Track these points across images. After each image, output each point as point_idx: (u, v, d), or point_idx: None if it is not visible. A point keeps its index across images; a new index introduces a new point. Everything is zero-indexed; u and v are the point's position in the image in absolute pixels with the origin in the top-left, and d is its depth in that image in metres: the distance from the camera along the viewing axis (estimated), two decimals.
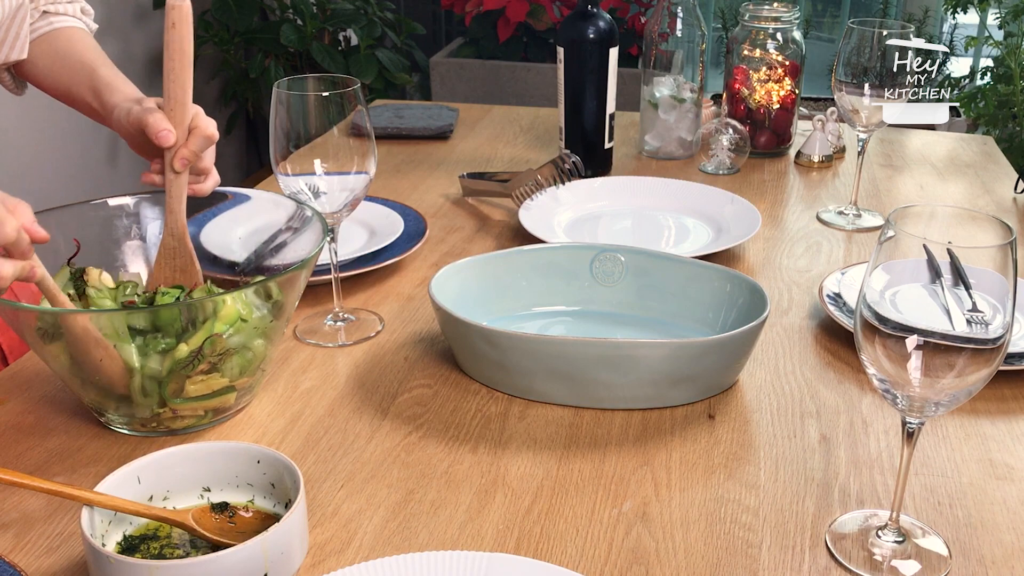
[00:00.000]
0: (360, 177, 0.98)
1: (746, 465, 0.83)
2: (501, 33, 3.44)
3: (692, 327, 1.01)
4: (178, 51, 0.87)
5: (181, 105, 0.89)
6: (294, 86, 0.94)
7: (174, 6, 0.86)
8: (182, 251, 0.92)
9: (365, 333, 1.04)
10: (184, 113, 0.89)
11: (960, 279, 0.63)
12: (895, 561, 0.72)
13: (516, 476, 0.81)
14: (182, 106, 0.89)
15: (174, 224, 0.91)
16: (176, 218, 0.91)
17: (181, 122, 0.89)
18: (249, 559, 0.65)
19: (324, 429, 0.88)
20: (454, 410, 0.91)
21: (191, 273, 0.93)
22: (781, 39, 1.55)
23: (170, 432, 0.86)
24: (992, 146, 1.69)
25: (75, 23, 1.11)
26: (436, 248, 1.26)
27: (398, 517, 0.77)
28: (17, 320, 0.81)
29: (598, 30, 1.43)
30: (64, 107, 1.09)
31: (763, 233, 1.31)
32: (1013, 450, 0.85)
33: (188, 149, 0.90)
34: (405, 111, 1.77)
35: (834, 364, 0.99)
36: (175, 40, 0.87)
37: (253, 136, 3.68)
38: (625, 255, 1.05)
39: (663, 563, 0.71)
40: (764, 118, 1.59)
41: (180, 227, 0.92)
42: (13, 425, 0.88)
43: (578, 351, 0.87)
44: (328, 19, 3.31)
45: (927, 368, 0.63)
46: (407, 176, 1.52)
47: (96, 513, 0.68)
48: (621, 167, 1.56)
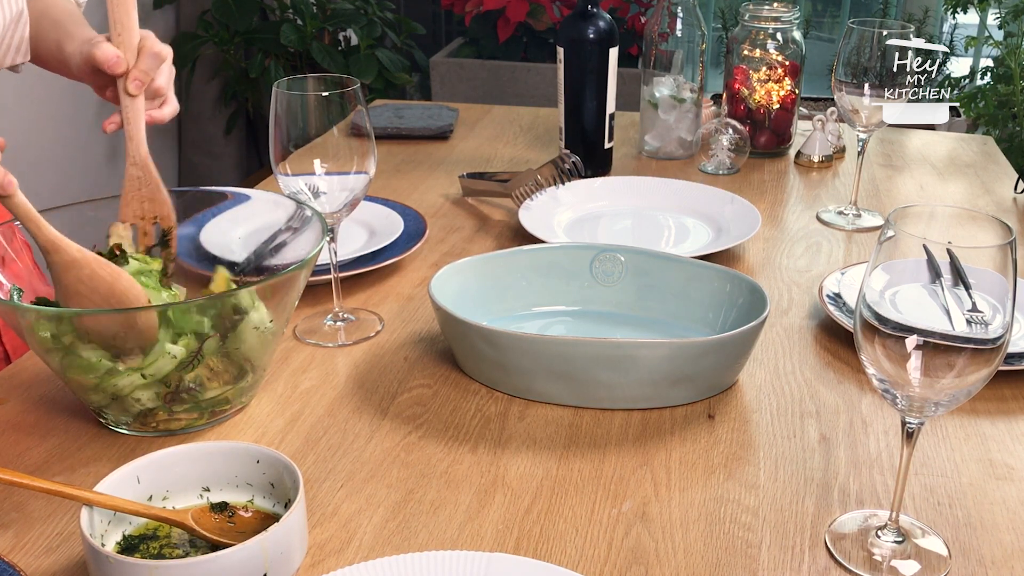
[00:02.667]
0: (360, 177, 0.98)
1: (746, 465, 0.83)
2: (501, 33, 3.44)
3: (692, 327, 1.01)
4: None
5: (128, 30, 0.88)
6: (294, 86, 0.94)
7: None
8: (147, 179, 0.90)
9: (365, 333, 1.04)
10: (131, 37, 0.88)
11: (960, 279, 0.63)
12: (895, 561, 0.72)
13: (516, 476, 0.81)
14: (128, 31, 0.88)
15: (135, 152, 0.89)
16: (137, 145, 0.89)
17: (130, 46, 0.88)
18: (249, 559, 0.65)
19: (324, 429, 0.88)
20: (454, 410, 0.91)
21: (159, 201, 0.91)
22: (781, 39, 1.55)
23: (170, 432, 0.86)
24: (992, 146, 1.69)
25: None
26: (436, 248, 1.26)
27: (398, 517, 0.77)
28: (20, 321, 0.81)
29: (598, 30, 1.43)
30: (64, 107, 1.10)
31: (763, 233, 1.31)
32: (1013, 450, 0.85)
33: (139, 69, 0.88)
34: (405, 111, 1.77)
35: (834, 364, 0.99)
36: None
37: (253, 136, 3.68)
38: (625, 255, 1.05)
39: (663, 563, 0.71)
40: (764, 118, 1.59)
41: (142, 154, 0.89)
42: (13, 425, 0.88)
43: (578, 351, 0.87)
44: (328, 19, 3.31)
45: (927, 368, 0.63)
46: (407, 176, 1.52)
47: (96, 513, 0.68)
48: (621, 167, 1.56)
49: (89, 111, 2.80)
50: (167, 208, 0.91)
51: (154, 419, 0.85)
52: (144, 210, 0.90)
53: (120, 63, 0.88)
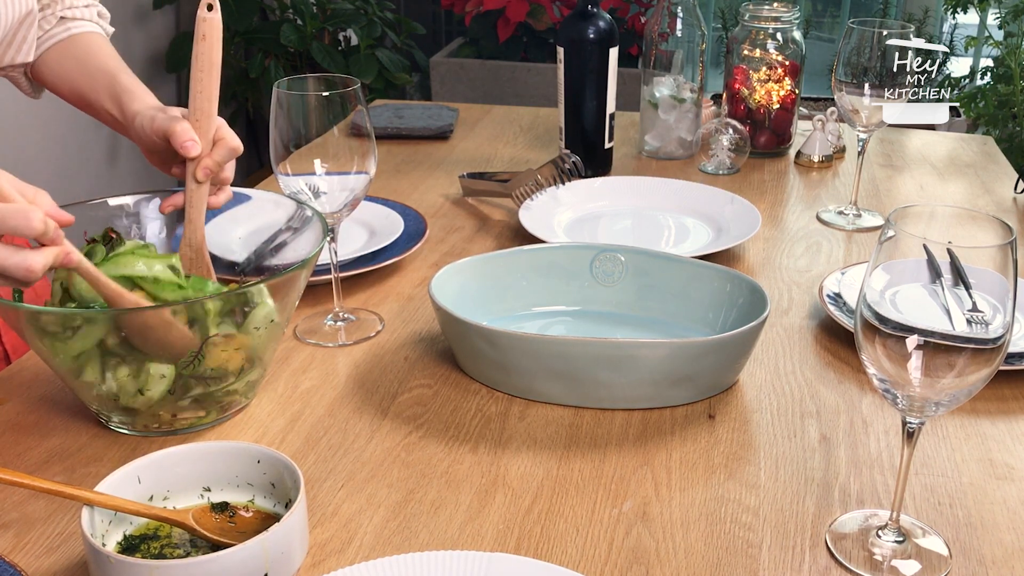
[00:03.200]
0: (360, 177, 0.98)
1: (746, 465, 0.83)
2: (501, 33, 3.44)
3: (692, 327, 1.01)
4: (207, 63, 0.87)
5: (207, 116, 0.89)
6: (294, 86, 0.94)
7: (205, 19, 0.86)
8: (199, 262, 0.91)
9: (365, 333, 1.04)
10: (209, 124, 0.89)
11: (960, 279, 0.63)
12: (895, 561, 0.72)
13: (516, 476, 0.81)
14: (208, 117, 0.89)
15: (192, 235, 0.91)
16: (195, 228, 0.91)
17: (206, 133, 0.89)
18: (249, 559, 0.65)
19: (324, 429, 0.88)
20: (454, 410, 0.91)
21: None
22: (781, 39, 1.55)
23: (170, 432, 0.86)
24: (992, 146, 1.69)
25: (93, 28, 1.11)
26: (436, 248, 1.26)
27: (398, 517, 0.77)
28: (23, 320, 0.80)
29: (598, 30, 1.43)
30: (64, 107, 1.09)
31: (763, 233, 1.31)
32: (1013, 450, 0.85)
33: (212, 160, 0.89)
34: (405, 111, 1.77)
35: (834, 364, 0.99)
36: (204, 52, 0.87)
37: (253, 136, 3.68)
38: (625, 255, 1.05)
39: (663, 563, 0.72)
40: (764, 118, 1.59)
41: (199, 238, 0.91)
42: (13, 425, 0.88)
43: (578, 351, 0.87)
44: (328, 19, 3.31)
45: (927, 368, 0.63)
46: (407, 176, 1.52)
47: (96, 513, 0.68)
48: (621, 167, 1.56)
49: None
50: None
51: (157, 420, 0.85)
52: None
53: (195, 148, 0.88)
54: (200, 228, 0.91)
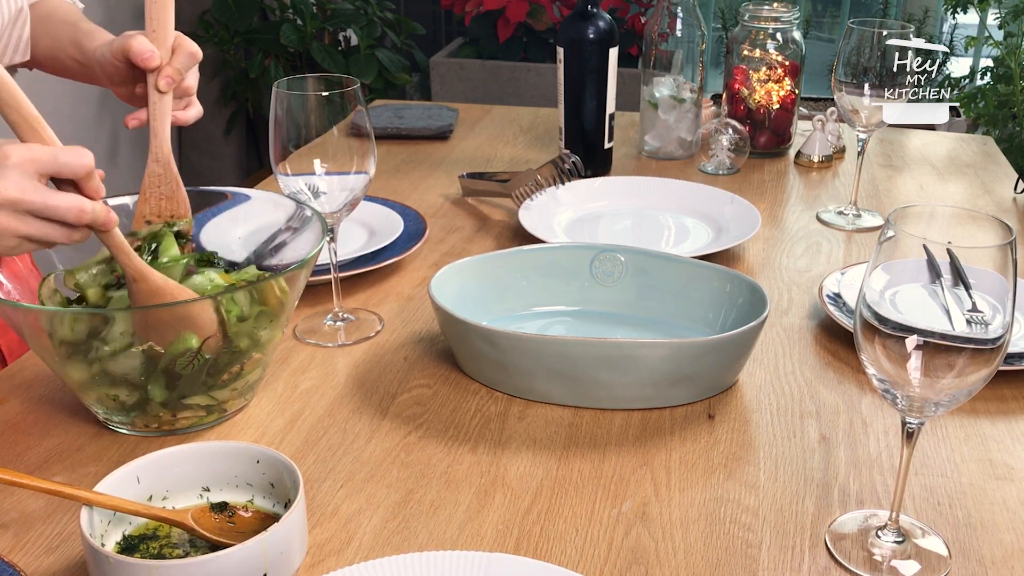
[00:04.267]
0: (360, 177, 0.98)
1: (746, 465, 0.83)
2: (501, 33, 3.44)
3: (692, 327, 1.01)
4: None
5: (163, 26, 0.88)
6: (294, 86, 0.94)
7: None
8: (168, 177, 0.90)
9: (365, 333, 1.04)
10: (166, 34, 0.89)
11: (960, 279, 0.63)
12: (895, 561, 0.72)
13: (516, 476, 0.81)
14: (164, 27, 0.88)
15: (159, 149, 0.89)
16: (161, 143, 0.89)
17: (164, 43, 0.89)
18: (249, 559, 0.65)
19: (323, 429, 0.88)
20: (454, 410, 0.91)
21: (178, 200, 0.91)
22: (781, 39, 1.55)
23: (170, 432, 0.86)
24: (992, 146, 1.69)
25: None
26: (436, 248, 1.26)
27: (398, 517, 0.77)
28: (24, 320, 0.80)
29: (598, 30, 1.43)
30: (64, 107, 1.09)
31: (763, 233, 1.31)
32: (1013, 450, 0.85)
33: (172, 67, 0.89)
34: (405, 111, 1.77)
35: (834, 364, 0.99)
36: None
37: (253, 136, 3.68)
38: (625, 255, 1.05)
39: (663, 563, 0.71)
40: (764, 118, 1.59)
41: (165, 152, 0.89)
42: (13, 425, 0.88)
43: (578, 351, 0.87)
44: (328, 19, 3.31)
45: (927, 368, 0.63)
46: (407, 176, 1.52)
47: (95, 513, 0.68)
48: (621, 167, 1.56)
49: (89, 111, 2.80)
50: (184, 207, 0.91)
51: (157, 420, 0.85)
52: (161, 208, 0.90)
53: (154, 58, 0.88)
54: (166, 141, 0.90)
